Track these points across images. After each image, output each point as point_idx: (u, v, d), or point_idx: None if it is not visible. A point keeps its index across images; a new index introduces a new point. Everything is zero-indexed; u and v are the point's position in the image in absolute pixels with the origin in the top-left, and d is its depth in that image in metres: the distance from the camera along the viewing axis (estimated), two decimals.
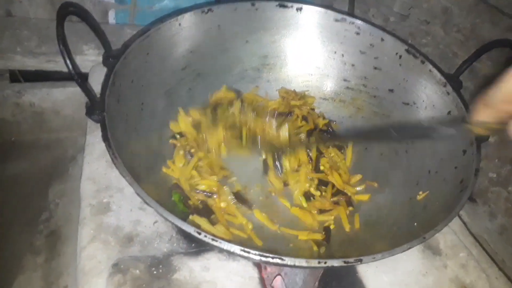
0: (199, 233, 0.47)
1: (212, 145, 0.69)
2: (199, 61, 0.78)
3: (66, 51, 0.52)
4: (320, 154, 0.74)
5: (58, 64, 0.97)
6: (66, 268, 0.81)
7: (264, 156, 0.72)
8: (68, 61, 0.52)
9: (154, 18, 1.01)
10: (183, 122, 0.72)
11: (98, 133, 0.62)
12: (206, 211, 0.63)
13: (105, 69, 0.62)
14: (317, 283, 0.69)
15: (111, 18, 1.08)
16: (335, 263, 0.45)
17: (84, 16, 0.58)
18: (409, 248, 0.48)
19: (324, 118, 0.82)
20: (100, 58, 0.94)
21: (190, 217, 0.60)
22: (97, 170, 0.70)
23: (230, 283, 0.55)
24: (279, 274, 0.74)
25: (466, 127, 0.39)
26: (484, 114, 0.36)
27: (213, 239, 0.46)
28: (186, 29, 0.74)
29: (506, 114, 0.34)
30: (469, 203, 0.83)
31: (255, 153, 0.71)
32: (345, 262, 0.46)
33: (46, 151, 1.03)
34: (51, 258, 0.84)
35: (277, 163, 0.71)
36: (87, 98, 0.57)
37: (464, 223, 0.79)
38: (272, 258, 0.46)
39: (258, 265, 0.60)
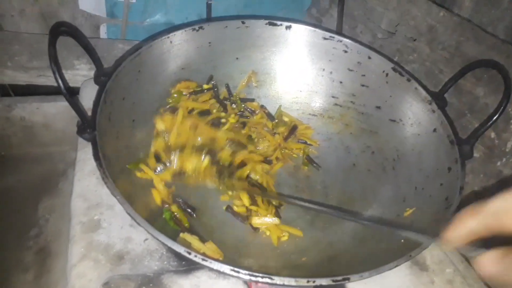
0: (189, 253, 0.47)
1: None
2: (190, 78, 0.79)
3: (57, 71, 0.53)
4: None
5: (49, 79, 0.97)
6: (56, 285, 0.80)
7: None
8: (59, 81, 0.53)
9: (146, 33, 1.04)
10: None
11: (89, 149, 0.62)
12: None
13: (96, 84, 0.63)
14: None
15: (103, 32, 1.09)
16: (324, 281, 0.46)
17: (76, 35, 0.59)
18: (396, 266, 0.50)
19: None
20: (91, 73, 0.95)
21: (181, 235, 0.61)
22: (88, 187, 0.70)
23: None
24: None
25: (437, 241, 0.40)
26: (468, 224, 0.36)
27: (203, 259, 0.47)
28: (177, 47, 0.75)
29: (490, 230, 0.34)
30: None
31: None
32: (333, 280, 0.46)
33: (36, 165, 1.02)
34: (40, 275, 0.83)
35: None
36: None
37: None
38: (262, 277, 0.46)
39: (249, 283, 0.60)
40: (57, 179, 1.01)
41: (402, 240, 0.58)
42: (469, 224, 0.36)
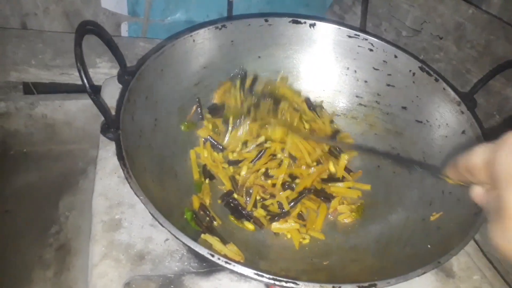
0: (212, 255, 0.47)
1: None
2: (212, 77, 0.78)
3: (83, 70, 0.53)
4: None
5: (71, 77, 0.98)
6: (75, 283, 0.81)
7: None
8: (85, 80, 0.53)
9: (167, 31, 1.04)
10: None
11: (111, 147, 0.62)
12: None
13: (117, 82, 0.62)
14: None
15: (124, 30, 1.09)
16: (349, 287, 0.45)
17: (101, 34, 0.59)
18: (424, 272, 0.48)
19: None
20: (112, 71, 0.96)
21: (202, 236, 0.60)
22: (109, 185, 0.70)
23: None
24: None
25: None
26: (452, 175, 0.41)
27: (226, 262, 0.46)
28: (200, 45, 0.75)
29: (468, 180, 0.38)
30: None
31: None
32: (359, 286, 0.45)
33: (57, 162, 1.03)
34: (60, 272, 0.84)
35: None
36: (100, 113, 0.57)
37: (477, 242, 0.78)
38: (286, 282, 0.45)
39: (270, 286, 0.59)
40: (77, 176, 1.01)
41: (429, 246, 0.56)
42: (454, 176, 0.41)
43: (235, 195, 0.70)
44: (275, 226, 0.67)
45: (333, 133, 0.80)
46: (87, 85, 0.51)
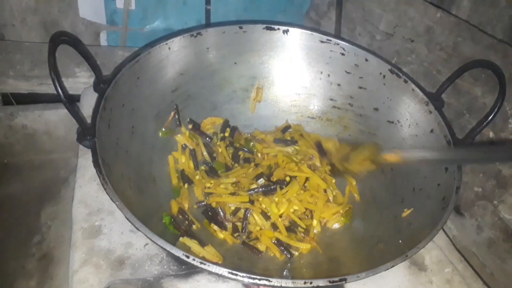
0: (188, 257, 0.48)
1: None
2: (189, 83, 0.79)
3: (57, 79, 0.54)
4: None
5: (50, 87, 0.96)
6: None
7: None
8: (59, 89, 0.54)
9: (146, 39, 1.05)
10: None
11: (90, 156, 0.63)
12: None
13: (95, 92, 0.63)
14: None
15: (103, 40, 1.10)
16: (321, 282, 0.47)
17: (76, 44, 0.60)
18: (393, 266, 0.50)
19: None
20: (91, 80, 0.96)
21: (181, 239, 0.61)
22: (89, 193, 0.71)
23: None
24: None
25: None
26: None
27: (201, 262, 0.48)
28: (175, 53, 0.76)
29: None
30: (457, 217, 0.84)
31: None
32: (330, 281, 0.47)
33: (38, 172, 1.03)
34: (43, 282, 0.84)
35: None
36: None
37: (451, 238, 0.80)
38: (260, 279, 0.47)
39: (248, 286, 0.60)
40: (59, 186, 1.02)
41: (400, 241, 0.59)
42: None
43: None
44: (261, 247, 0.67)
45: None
46: (61, 94, 0.52)
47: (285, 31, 0.81)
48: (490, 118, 0.63)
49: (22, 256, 0.87)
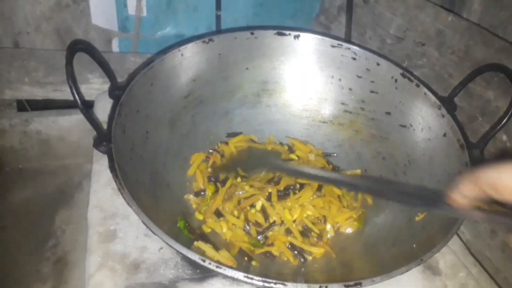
0: (204, 260, 0.48)
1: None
2: (201, 89, 0.80)
3: (74, 86, 0.55)
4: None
5: (64, 93, 1.00)
6: None
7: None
8: (76, 96, 0.55)
9: (157, 45, 1.06)
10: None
11: (104, 161, 0.64)
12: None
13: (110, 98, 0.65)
14: None
15: (115, 46, 1.12)
16: (335, 287, 0.47)
17: (92, 52, 0.61)
18: (407, 270, 0.50)
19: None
20: (104, 87, 0.98)
21: (195, 243, 0.62)
22: (104, 197, 0.72)
23: None
24: None
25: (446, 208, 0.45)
26: (466, 190, 0.41)
27: (217, 266, 0.48)
28: (188, 59, 0.77)
29: (485, 195, 0.39)
30: (471, 221, 0.84)
31: None
32: (345, 285, 0.47)
33: (52, 178, 1.05)
34: (57, 285, 0.85)
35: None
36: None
37: (465, 242, 0.80)
38: (275, 283, 0.47)
39: None
40: (72, 191, 1.03)
41: (414, 245, 0.59)
42: (469, 190, 0.41)
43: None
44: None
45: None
46: (78, 101, 0.53)
47: (296, 36, 0.82)
48: (504, 122, 0.63)
49: (37, 260, 0.88)
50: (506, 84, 0.71)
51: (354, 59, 0.81)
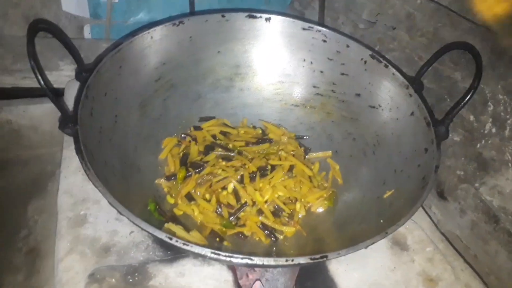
0: (170, 238, 0.48)
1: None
2: (173, 72, 0.80)
3: (37, 67, 0.54)
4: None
5: (34, 81, 0.97)
6: (46, 283, 0.81)
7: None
8: (39, 77, 0.54)
9: (130, 32, 1.04)
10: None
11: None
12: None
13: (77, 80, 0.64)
14: (294, 286, 0.70)
15: (87, 33, 1.09)
16: (302, 260, 0.47)
17: (55, 31, 0.60)
18: (373, 242, 0.51)
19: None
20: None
21: (166, 225, 0.62)
22: (74, 183, 0.71)
23: (205, 287, 0.57)
24: (258, 280, 0.76)
25: None
26: None
27: (184, 244, 0.48)
28: (158, 42, 0.76)
29: None
30: (441, 201, 0.86)
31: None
32: (311, 258, 0.48)
33: (24, 168, 1.02)
34: (30, 275, 0.83)
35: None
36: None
37: (435, 222, 0.81)
38: (242, 258, 0.47)
39: (233, 269, 0.61)
40: (46, 180, 1.01)
41: (382, 221, 0.60)
42: None
43: None
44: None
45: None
46: (41, 82, 0.52)
47: (267, 19, 0.82)
48: (467, 98, 0.64)
49: (9, 251, 0.87)
50: (473, 65, 0.73)
51: (324, 41, 0.82)
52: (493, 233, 0.76)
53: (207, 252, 0.48)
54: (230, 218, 0.68)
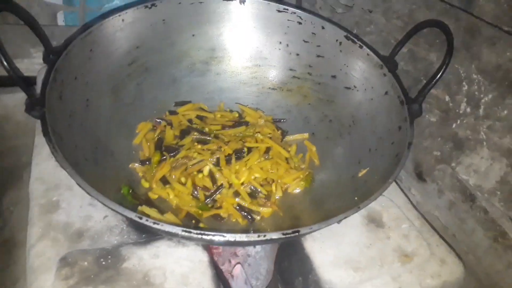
0: (140, 218, 0.48)
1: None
2: (146, 56, 0.78)
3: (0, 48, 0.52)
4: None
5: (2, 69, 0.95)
6: (22, 274, 0.79)
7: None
8: (2, 58, 0.52)
9: None
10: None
11: None
12: None
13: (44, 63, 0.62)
14: (273, 266, 0.71)
15: (60, 20, 1.07)
16: (274, 235, 0.47)
17: (18, 11, 0.58)
18: (345, 217, 0.51)
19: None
20: None
21: (139, 208, 0.61)
22: (46, 170, 0.70)
23: (180, 267, 0.56)
24: (239, 263, 0.76)
25: None
26: None
27: (154, 223, 0.47)
28: (130, 25, 0.75)
29: None
30: (420, 183, 0.87)
31: None
32: (283, 234, 0.47)
33: None
34: (6, 266, 0.82)
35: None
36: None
37: (414, 204, 0.82)
38: (213, 235, 0.47)
39: (209, 249, 0.61)
40: (20, 171, 0.99)
41: (356, 198, 0.60)
42: None
43: None
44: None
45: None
46: (3, 60, 0.51)
47: (242, 1, 0.81)
48: (439, 75, 0.64)
49: None
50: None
51: (300, 23, 0.81)
52: (470, 212, 0.77)
53: (177, 230, 0.47)
54: (206, 201, 0.67)
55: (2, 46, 0.52)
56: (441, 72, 0.64)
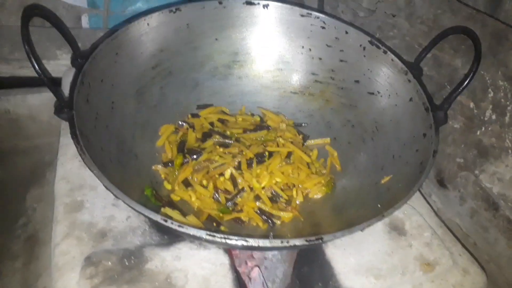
0: (165, 220, 0.48)
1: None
2: (170, 60, 0.79)
3: (31, 51, 0.53)
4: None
5: (32, 70, 0.96)
6: (44, 270, 0.81)
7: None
8: (33, 61, 0.53)
9: None
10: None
11: None
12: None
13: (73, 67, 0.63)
14: (292, 273, 0.70)
15: (85, 22, 1.09)
16: (297, 242, 0.47)
17: (49, 17, 0.59)
18: (369, 225, 0.50)
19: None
20: None
21: (162, 209, 0.62)
22: (71, 170, 0.71)
23: (201, 270, 0.56)
24: (257, 266, 0.76)
25: None
26: None
27: (179, 226, 0.48)
28: (154, 29, 0.76)
29: None
30: (441, 190, 0.85)
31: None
32: (306, 240, 0.47)
33: (23, 157, 1.02)
34: (29, 262, 0.84)
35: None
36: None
37: (435, 211, 0.81)
38: (237, 240, 0.47)
39: (230, 253, 0.61)
40: (44, 170, 1.01)
41: (379, 205, 0.59)
42: None
43: None
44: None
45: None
46: (34, 63, 0.52)
47: (265, 6, 0.81)
48: (466, 83, 0.63)
49: (7, 239, 0.87)
50: (473, 51, 0.72)
51: (323, 28, 0.81)
52: (493, 221, 0.76)
53: (202, 234, 0.47)
54: (227, 204, 0.68)
55: (33, 49, 0.53)
56: (468, 80, 0.63)
